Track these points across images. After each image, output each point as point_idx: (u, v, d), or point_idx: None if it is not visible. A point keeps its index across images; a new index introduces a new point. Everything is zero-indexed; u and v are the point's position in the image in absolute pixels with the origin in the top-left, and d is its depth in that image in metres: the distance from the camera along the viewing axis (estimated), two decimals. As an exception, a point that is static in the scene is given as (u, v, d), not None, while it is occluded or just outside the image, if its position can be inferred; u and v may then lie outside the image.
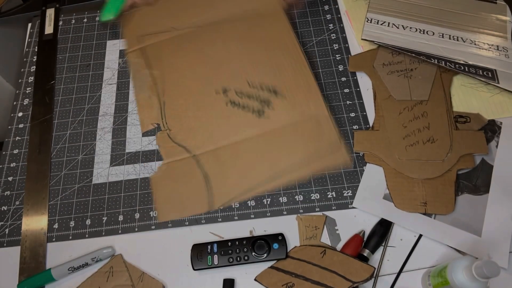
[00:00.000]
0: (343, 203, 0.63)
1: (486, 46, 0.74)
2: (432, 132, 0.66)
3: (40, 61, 0.80)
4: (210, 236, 0.62)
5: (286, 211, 0.63)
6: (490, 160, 0.65)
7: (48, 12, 0.86)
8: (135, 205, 0.65)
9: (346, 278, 0.56)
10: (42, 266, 0.61)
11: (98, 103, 0.74)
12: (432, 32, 0.75)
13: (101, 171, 0.68)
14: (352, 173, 0.65)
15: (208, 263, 0.59)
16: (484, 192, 0.62)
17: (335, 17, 0.81)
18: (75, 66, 0.79)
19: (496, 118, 0.68)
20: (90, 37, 0.82)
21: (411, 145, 0.65)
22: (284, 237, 0.60)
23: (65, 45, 0.81)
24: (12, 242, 0.64)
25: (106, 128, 0.72)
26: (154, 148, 0.69)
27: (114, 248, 0.61)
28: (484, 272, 0.45)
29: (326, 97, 0.72)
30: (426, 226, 0.60)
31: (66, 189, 0.67)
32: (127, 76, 0.77)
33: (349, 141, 0.68)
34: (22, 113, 0.75)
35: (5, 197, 0.67)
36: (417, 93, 0.70)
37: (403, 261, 0.59)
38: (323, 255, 0.58)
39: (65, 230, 0.64)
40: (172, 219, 0.63)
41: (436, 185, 0.62)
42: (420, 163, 0.64)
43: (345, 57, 0.76)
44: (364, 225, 0.61)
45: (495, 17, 0.78)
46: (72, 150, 0.70)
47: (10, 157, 0.70)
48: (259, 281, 0.58)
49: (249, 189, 0.63)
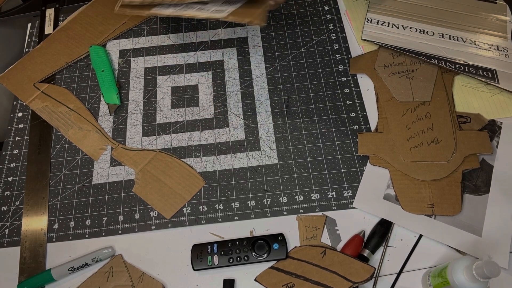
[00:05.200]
0: (343, 203, 0.63)
1: (486, 46, 0.74)
2: (436, 133, 0.66)
3: (39, 61, 0.79)
4: (210, 236, 0.62)
5: (286, 211, 0.63)
6: (490, 160, 0.65)
7: (48, 12, 0.86)
8: (135, 205, 0.65)
9: (347, 279, 0.56)
10: (42, 266, 0.61)
11: (98, 103, 0.74)
12: (432, 32, 0.75)
13: (101, 171, 0.68)
14: (352, 173, 0.65)
15: (208, 263, 0.59)
16: (485, 192, 0.62)
17: (335, 17, 0.81)
18: (75, 66, 0.79)
19: (496, 118, 0.68)
20: (90, 37, 0.82)
21: (416, 146, 0.65)
22: (284, 237, 0.60)
23: (65, 45, 0.81)
24: (12, 242, 0.63)
25: (106, 128, 0.72)
26: (154, 148, 0.69)
27: (114, 248, 0.61)
28: (485, 272, 0.45)
29: (326, 97, 0.72)
30: (426, 226, 0.60)
31: (66, 189, 0.67)
32: (127, 76, 0.77)
33: (349, 141, 0.68)
34: (22, 113, 0.75)
35: (5, 197, 0.67)
36: (419, 94, 0.70)
37: (403, 261, 0.59)
38: (323, 256, 0.58)
39: (65, 230, 0.64)
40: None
41: (442, 186, 0.62)
42: (425, 164, 0.64)
43: (345, 57, 0.76)
44: (364, 225, 0.61)
45: (495, 17, 0.78)
46: (72, 150, 0.70)
47: (10, 157, 0.70)
48: (259, 281, 0.58)
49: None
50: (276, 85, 0.74)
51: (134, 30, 0.82)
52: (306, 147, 0.68)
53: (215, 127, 0.71)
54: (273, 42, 0.79)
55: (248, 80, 0.75)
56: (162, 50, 0.79)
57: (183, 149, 0.69)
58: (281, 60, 0.77)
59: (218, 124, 0.71)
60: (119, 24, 0.82)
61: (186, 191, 0.65)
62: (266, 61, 0.77)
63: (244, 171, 0.67)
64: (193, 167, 0.67)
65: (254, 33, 0.80)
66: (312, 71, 0.75)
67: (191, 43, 0.80)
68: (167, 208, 0.64)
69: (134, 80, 0.76)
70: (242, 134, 0.70)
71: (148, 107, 0.73)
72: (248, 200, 0.64)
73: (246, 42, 0.79)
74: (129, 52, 0.80)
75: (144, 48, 0.80)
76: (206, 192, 0.65)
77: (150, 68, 0.78)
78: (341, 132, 0.69)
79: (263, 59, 0.77)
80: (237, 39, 0.80)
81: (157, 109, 0.73)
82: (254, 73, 0.76)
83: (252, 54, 0.78)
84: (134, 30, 0.82)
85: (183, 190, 0.65)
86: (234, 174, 0.67)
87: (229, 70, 0.76)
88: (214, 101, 0.73)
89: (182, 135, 0.70)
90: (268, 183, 0.66)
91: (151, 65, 0.78)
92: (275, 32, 0.80)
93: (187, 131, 0.71)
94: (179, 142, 0.70)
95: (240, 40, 0.79)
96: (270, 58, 0.77)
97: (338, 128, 0.69)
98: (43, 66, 0.78)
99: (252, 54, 0.78)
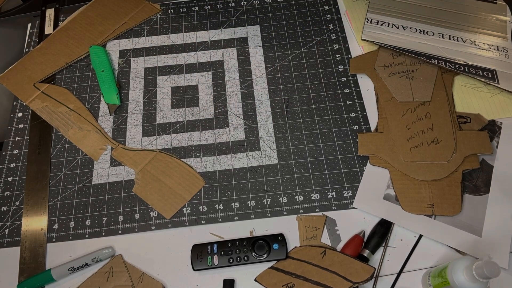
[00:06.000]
0: (343, 203, 0.63)
1: (486, 47, 0.74)
2: (436, 133, 0.66)
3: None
4: (210, 237, 0.62)
5: (286, 212, 0.63)
6: (490, 160, 0.65)
7: (48, 12, 0.86)
8: (135, 206, 0.65)
9: (347, 279, 0.56)
10: (42, 266, 0.61)
11: (98, 103, 0.74)
12: (432, 33, 0.75)
13: (101, 171, 0.68)
14: (352, 173, 0.65)
15: (208, 264, 0.59)
16: (484, 192, 0.62)
17: (335, 17, 0.81)
18: (75, 66, 0.79)
19: (496, 118, 0.68)
20: (90, 37, 0.82)
21: (416, 146, 0.65)
22: (284, 237, 0.60)
23: (65, 45, 0.81)
24: (12, 242, 0.63)
25: (106, 128, 0.72)
26: (154, 148, 0.69)
27: (114, 248, 0.61)
28: (485, 272, 0.45)
29: (326, 97, 0.72)
30: (426, 227, 0.60)
31: (66, 189, 0.67)
32: (127, 76, 0.77)
33: (349, 141, 0.68)
34: (22, 113, 0.75)
35: (5, 198, 0.67)
36: (419, 94, 0.70)
37: (403, 261, 0.59)
38: (323, 256, 0.58)
39: (65, 230, 0.64)
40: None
41: (442, 186, 0.62)
42: (425, 164, 0.64)
43: (345, 57, 0.76)
44: (364, 226, 0.61)
45: (495, 17, 0.78)
46: (72, 150, 0.70)
47: (10, 157, 0.70)
48: (259, 281, 0.58)
49: None
50: (276, 85, 0.74)
51: (134, 30, 0.82)
52: (306, 147, 0.68)
53: (215, 127, 0.71)
54: (273, 42, 0.79)
55: (248, 80, 0.75)
56: (162, 50, 0.79)
57: (183, 149, 0.69)
58: (281, 60, 0.77)
59: (218, 124, 0.71)
60: (119, 24, 0.82)
61: (186, 191, 0.65)
62: (266, 61, 0.77)
63: (244, 171, 0.67)
64: (193, 167, 0.67)
65: (254, 33, 0.80)
66: (312, 71, 0.75)
67: (191, 43, 0.80)
68: (167, 208, 0.64)
69: (134, 80, 0.76)
70: (242, 134, 0.70)
71: (148, 107, 0.73)
72: (248, 200, 0.64)
73: (246, 42, 0.79)
74: (129, 52, 0.80)
75: (144, 48, 0.80)
76: (206, 192, 0.65)
77: (150, 68, 0.78)
78: (341, 132, 0.69)
79: (263, 59, 0.77)
80: (237, 39, 0.80)
81: (157, 109, 0.73)
82: (254, 73, 0.76)
83: (252, 54, 0.78)
84: (134, 30, 0.82)
85: (183, 190, 0.65)
86: (234, 174, 0.67)
87: (229, 70, 0.76)
88: (214, 101, 0.73)
89: (182, 135, 0.70)
90: (268, 183, 0.66)
91: (151, 65, 0.78)
92: (275, 32, 0.80)
93: (187, 131, 0.71)
94: (179, 142, 0.70)
95: (240, 40, 0.79)
96: (270, 58, 0.77)
97: (338, 128, 0.69)
98: (43, 66, 0.78)
99: (252, 54, 0.78)
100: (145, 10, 0.83)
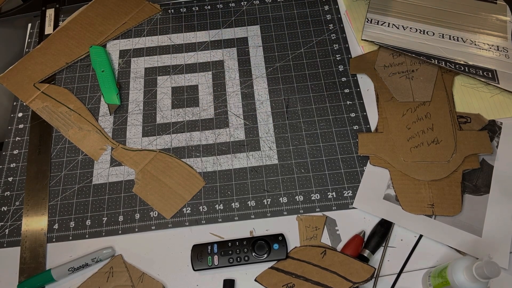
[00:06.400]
0: (343, 203, 0.63)
1: (486, 47, 0.74)
2: (436, 133, 0.66)
3: (40, 61, 0.79)
4: (210, 237, 0.62)
5: (286, 212, 0.63)
6: (490, 160, 0.65)
7: (48, 12, 0.86)
8: (135, 206, 0.65)
9: (347, 279, 0.56)
10: (42, 266, 0.61)
11: (98, 103, 0.74)
12: (432, 33, 0.75)
13: (101, 172, 0.68)
14: (353, 173, 0.65)
15: (208, 264, 0.59)
16: (485, 192, 0.62)
17: (335, 17, 0.81)
18: (75, 66, 0.79)
19: (496, 118, 0.68)
20: (90, 37, 0.82)
21: (416, 146, 0.65)
22: (284, 237, 0.60)
23: (65, 45, 0.81)
24: (12, 242, 0.63)
25: (106, 128, 0.72)
26: (154, 148, 0.69)
27: (114, 248, 0.61)
28: (485, 272, 0.45)
29: (326, 97, 0.72)
30: (426, 227, 0.60)
31: (66, 189, 0.67)
32: (127, 76, 0.77)
33: (349, 141, 0.68)
34: (22, 114, 0.75)
35: (5, 198, 0.67)
36: (419, 94, 0.70)
37: (403, 261, 0.59)
38: (323, 256, 0.58)
39: (65, 230, 0.64)
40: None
41: (442, 186, 0.62)
42: (425, 164, 0.64)
43: (345, 57, 0.76)
44: (364, 226, 0.61)
45: (495, 17, 0.78)
46: (72, 151, 0.70)
47: (10, 157, 0.70)
48: (259, 281, 0.58)
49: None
50: (276, 85, 0.74)
51: (134, 30, 0.82)
52: (306, 147, 0.68)
53: (215, 127, 0.71)
54: (273, 42, 0.79)
55: (248, 80, 0.75)
56: (162, 50, 0.79)
57: (183, 149, 0.69)
58: (281, 60, 0.77)
59: (218, 124, 0.71)
60: (119, 24, 0.82)
61: (186, 191, 0.65)
62: (266, 61, 0.77)
63: (244, 171, 0.67)
64: (193, 167, 0.67)
65: (254, 33, 0.80)
66: (312, 71, 0.75)
67: (191, 43, 0.80)
68: (167, 208, 0.64)
69: (134, 80, 0.76)
70: (242, 134, 0.70)
71: (148, 107, 0.73)
72: (248, 200, 0.64)
73: (246, 42, 0.79)
74: (129, 52, 0.80)
75: (144, 48, 0.80)
76: (206, 192, 0.65)
77: (150, 68, 0.78)
78: (341, 132, 0.69)
79: (263, 59, 0.77)
80: (237, 39, 0.80)
81: (157, 109, 0.73)
82: (254, 73, 0.76)
83: (252, 54, 0.78)
84: (134, 30, 0.82)
85: (183, 190, 0.65)
86: (234, 174, 0.67)
87: (229, 70, 0.76)
88: (214, 101, 0.73)
89: (182, 135, 0.70)
90: (268, 183, 0.66)
91: (151, 65, 0.78)
92: (275, 32, 0.80)
93: (187, 131, 0.71)
94: (179, 142, 0.70)
95: (240, 40, 0.79)
96: (270, 58, 0.77)
97: (338, 128, 0.69)
98: (43, 66, 0.78)
99: (252, 54, 0.78)
100: (145, 10, 0.84)
